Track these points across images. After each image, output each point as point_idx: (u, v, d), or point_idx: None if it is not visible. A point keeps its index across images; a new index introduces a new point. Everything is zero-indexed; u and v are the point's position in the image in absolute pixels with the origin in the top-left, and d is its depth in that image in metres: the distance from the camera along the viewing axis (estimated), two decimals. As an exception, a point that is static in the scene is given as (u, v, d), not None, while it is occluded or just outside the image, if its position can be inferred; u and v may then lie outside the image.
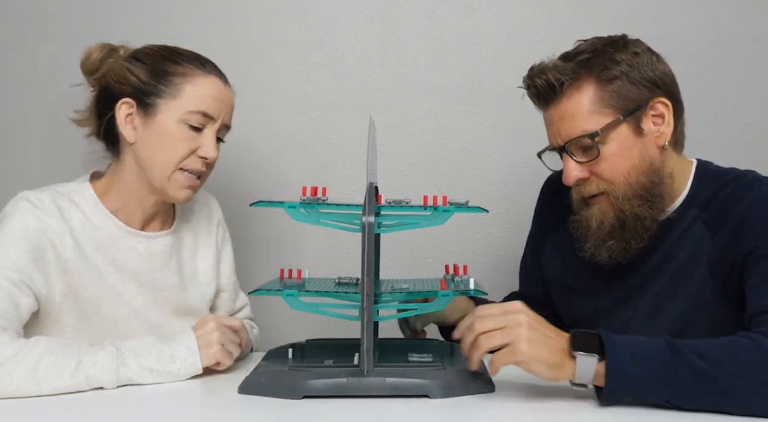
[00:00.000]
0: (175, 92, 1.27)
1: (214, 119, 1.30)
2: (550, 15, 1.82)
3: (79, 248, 1.25)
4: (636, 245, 1.24)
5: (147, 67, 1.29)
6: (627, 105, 1.22)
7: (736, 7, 1.82)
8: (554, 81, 1.22)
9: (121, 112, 1.28)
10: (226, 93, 1.33)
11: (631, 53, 1.23)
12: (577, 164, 1.24)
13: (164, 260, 1.34)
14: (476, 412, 1.03)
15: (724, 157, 1.35)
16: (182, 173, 1.29)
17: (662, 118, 1.24)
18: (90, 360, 1.12)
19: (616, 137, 1.22)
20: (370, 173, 1.14)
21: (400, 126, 1.84)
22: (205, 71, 1.31)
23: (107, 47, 1.32)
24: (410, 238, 1.82)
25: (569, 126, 1.23)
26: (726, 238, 1.18)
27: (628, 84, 1.22)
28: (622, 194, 1.22)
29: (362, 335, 1.08)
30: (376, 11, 1.83)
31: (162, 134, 1.27)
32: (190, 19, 1.83)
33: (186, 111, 1.27)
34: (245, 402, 1.08)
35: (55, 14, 1.82)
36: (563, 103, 1.23)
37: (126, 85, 1.28)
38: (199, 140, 1.29)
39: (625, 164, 1.22)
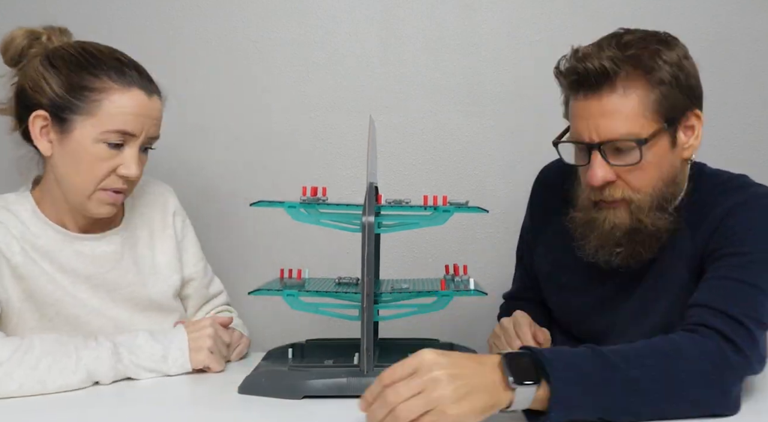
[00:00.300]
0: (92, 109, 1.19)
1: (135, 135, 1.22)
2: (550, 15, 1.82)
3: (27, 254, 1.23)
4: (645, 256, 1.20)
5: (62, 77, 1.21)
6: (671, 113, 1.15)
7: (736, 7, 1.82)
8: (610, 70, 1.12)
9: (36, 125, 1.21)
10: (149, 106, 1.24)
11: (680, 55, 1.15)
12: (607, 165, 1.16)
13: (115, 260, 1.32)
14: (476, 412, 1.03)
15: (724, 157, 1.35)
16: (102, 192, 1.24)
17: (693, 130, 1.19)
18: (89, 356, 1.13)
19: (655, 145, 1.15)
20: (370, 173, 1.14)
21: (400, 126, 1.84)
22: (125, 84, 1.21)
23: (30, 35, 1.26)
24: (410, 238, 1.82)
25: (611, 124, 1.13)
26: (704, 240, 1.17)
27: (675, 90, 1.14)
28: (645, 204, 1.17)
29: (362, 335, 1.08)
30: (376, 11, 1.83)
31: (78, 154, 1.20)
32: (190, 19, 1.83)
33: (103, 130, 1.20)
34: (245, 402, 1.08)
35: (55, 14, 1.81)
36: (611, 98, 1.13)
37: (40, 95, 1.21)
38: (119, 157, 1.22)
39: (655, 175, 1.17)
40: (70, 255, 1.28)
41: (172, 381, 1.19)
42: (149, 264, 1.37)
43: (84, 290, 1.28)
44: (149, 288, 1.35)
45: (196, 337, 1.23)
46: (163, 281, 1.38)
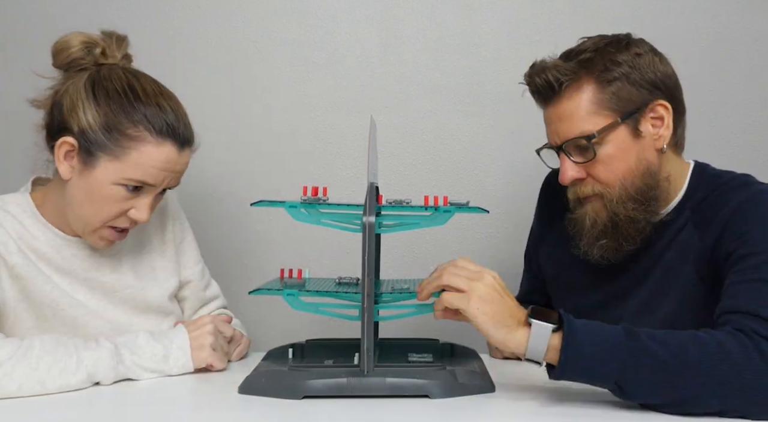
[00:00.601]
0: (120, 154, 1.19)
1: (154, 186, 1.23)
2: (550, 15, 1.82)
3: (24, 254, 1.23)
4: (627, 247, 1.24)
5: (101, 113, 1.19)
6: (626, 107, 1.21)
7: (736, 7, 1.82)
8: (553, 81, 1.22)
9: (62, 150, 1.21)
10: (177, 161, 1.24)
11: (632, 54, 1.23)
12: (574, 164, 1.24)
13: (113, 265, 1.32)
14: (476, 412, 1.03)
15: (724, 157, 1.36)
16: (107, 230, 1.24)
17: (662, 120, 1.23)
18: (90, 357, 1.12)
19: (613, 139, 1.21)
20: (370, 173, 1.14)
21: (400, 126, 1.84)
22: (159, 138, 1.20)
23: (87, 44, 1.24)
24: (410, 238, 1.82)
25: (567, 126, 1.23)
26: (714, 239, 1.18)
27: (628, 85, 1.21)
28: (616, 197, 1.22)
29: (362, 335, 1.08)
30: (376, 11, 1.83)
31: (95, 190, 1.21)
32: (190, 19, 1.83)
33: (125, 177, 1.20)
34: (245, 402, 1.08)
35: (55, 14, 1.82)
36: (562, 103, 1.23)
37: (74, 120, 1.20)
38: (133, 201, 1.22)
39: (621, 167, 1.22)
40: (68, 257, 1.27)
41: (172, 381, 1.19)
42: (147, 267, 1.38)
43: (81, 292, 1.28)
44: (147, 291, 1.35)
45: (197, 335, 1.23)
46: (160, 284, 1.38)
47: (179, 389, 1.13)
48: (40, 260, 1.25)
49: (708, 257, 1.19)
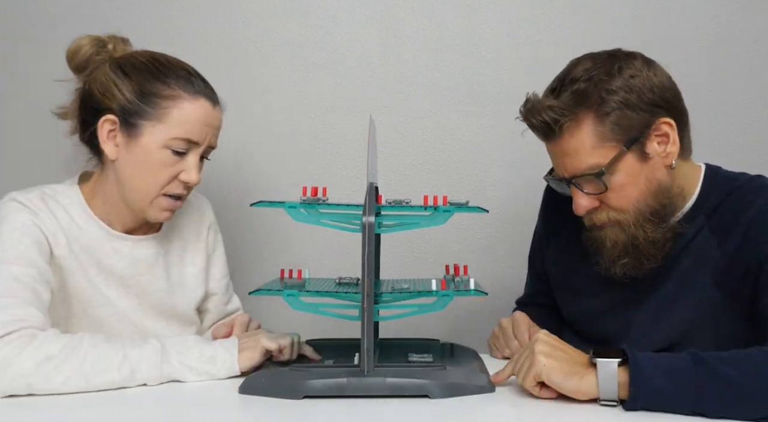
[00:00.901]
0: (161, 116, 1.23)
1: (199, 143, 1.26)
2: (550, 15, 1.82)
3: (70, 246, 1.25)
4: (649, 265, 1.22)
5: (133, 84, 1.24)
6: (629, 134, 1.18)
7: (736, 7, 1.82)
8: (551, 122, 1.18)
9: (104, 129, 1.24)
10: (214, 115, 1.28)
11: (626, 78, 1.18)
12: (586, 195, 1.21)
13: (150, 265, 1.33)
14: (476, 412, 1.03)
15: (724, 157, 1.35)
16: (163, 198, 1.27)
17: (667, 137, 1.20)
18: (136, 355, 1.12)
19: (622, 167, 1.18)
20: (370, 173, 1.14)
21: (400, 126, 1.84)
22: (194, 93, 1.25)
23: (96, 42, 1.28)
24: (410, 238, 1.82)
25: (573, 162, 1.20)
26: (734, 247, 1.16)
27: (627, 112, 1.17)
28: (633, 221, 1.20)
29: (362, 335, 1.08)
30: (376, 11, 1.83)
31: (144, 158, 1.24)
32: (190, 19, 1.83)
33: (171, 137, 1.23)
34: (245, 402, 1.08)
35: (55, 14, 1.82)
36: (565, 140, 1.20)
37: (110, 99, 1.24)
38: (181, 164, 1.26)
39: (633, 192, 1.20)
40: (110, 253, 1.29)
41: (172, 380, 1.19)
42: (178, 274, 1.39)
43: (115, 290, 1.29)
44: (175, 298, 1.36)
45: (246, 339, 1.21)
46: (189, 292, 1.39)
47: (179, 389, 1.13)
48: (83, 254, 1.26)
49: (728, 265, 1.17)
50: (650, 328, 1.24)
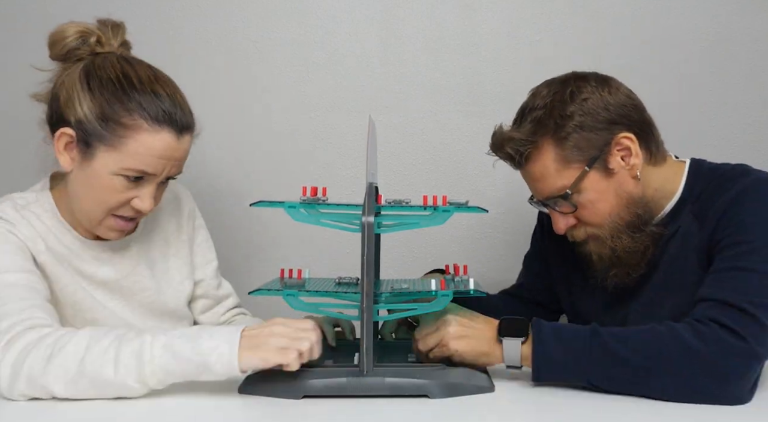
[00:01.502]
0: (117, 144, 1.16)
1: (155, 175, 1.20)
2: (550, 15, 1.82)
3: (51, 252, 1.23)
4: (634, 274, 1.27)
5: (95, 103, 1.17)
6: (589, 153, 1.23)
7: (736, 7, 1.82)
8: (514, 153, 1.26)
9: (60, 141, 1.19)
10: (176, 148, 1.20)
11: (579, 102, 1.24)
12: (562, 215, 1.28)
13: (132, 267, 1.31)
14: (476, 412, 1.03)
15: (724, 157, 1.35)
16: (113, 219, 1.23)
17: (628, 150, 1.24)
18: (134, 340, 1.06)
19: (587, 186, 1.24)
20: (369, 173, 1.14)
21: (400, 126, 1.84)
22: (156, 124, 1.17)
23: (82, 33, 1.23)
24: (410, 238, 1.82)
25: (541, 186, 1.27)
26: (711, 229, 1.20)
27: (584, 133, 1.23)
28: (609, 234, 1.26)
29: (362, 335, 1.08)
30: (376, 11, 1.83)
31: (94, 181, 1.19)
32: (190, 19, 1.83)
33: (124, 167, 1.17)
34: (245, 402, 1.08)
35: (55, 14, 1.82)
36: (530, 167, 1.27)
37: (71, 111, 1.18)
38: (135, 190, 1.20)
39: (604, 208, 1.25)
40: (89, 260, 1.27)
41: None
42: (163, 269, 1.37)
43: (102, 295, 1.28)
44: (164, 295, 1.35)
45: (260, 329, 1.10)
46: (175, 287, 1.38)
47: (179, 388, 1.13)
48: (64, 261, 1.24)
49: (706, 246, 1.20)
50: (646, 318, 1.26)
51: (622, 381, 1.08)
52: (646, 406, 1.05)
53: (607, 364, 1.07)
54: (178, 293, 1.38)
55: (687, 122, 1.33)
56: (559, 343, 1.10)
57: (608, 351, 1.07)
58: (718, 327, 1.06)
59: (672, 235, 1.26)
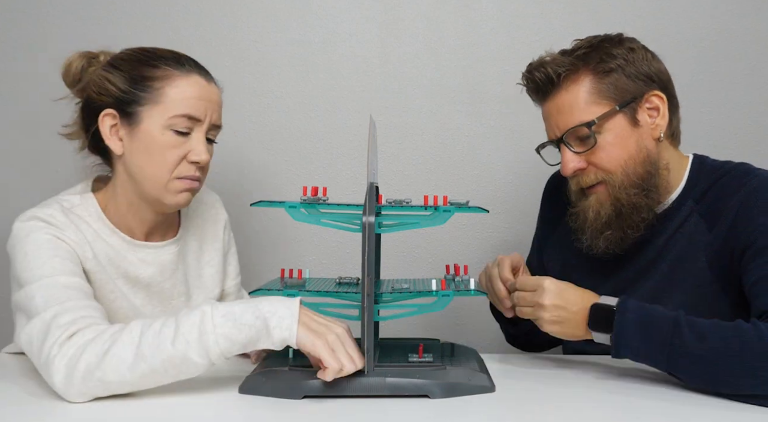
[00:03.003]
0: (156, 97, 1.22)
1: (200, 120, 1.25)
2: (550, 15, 1.82)
3: (97, 259, 1.23)
4: (632, 235, 1.26)
5: (124, 74, 1.24)
6: (623, 96, 1.25)
7: (736, 7, 1.82)
8: (552, 73, 1.26)
9: (105, 124, 1.24)
10: (210, 90, 1.27)
11: (626, 48, 1.27)
12: (575, 155, 1.27)
13: (172, 270, 1.33)
14: (476, 412, 1.03)
15: (724, 156, 1.36)
16: (177, 181, 1.25)
17: (657, 110, 1.27)
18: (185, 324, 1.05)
19: (612, 127, 1.24)
20: (370, 173, 1.14)
21: (400, 126, 1.84)
22: (185, 71, 1.25)
23: (86, 55, 1.29)
24: (410, 238, 1.82)
25: (566, 117, 1.26)
26: (725, 231, 1.20)
27: (624, 77, 1.25)
28: (619, 183, 1.25)
29: (362, 335, 1.08)
30: (376, 11, 1.84)
31: (149, 144, 1.23)
32: (190, 20, 1.83)
33: (170, 116, 1.22)
34: (245, 402, 1.08)
35: (55, 15, 1.82)
36: (561, 96, 1.26)
37: (106, 95, 1.24)
38: (188, 144, 1.24)
39: (621, 154, 1.25)
40: (135, 263, 1.28)
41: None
42: (195, 275, 1.38)
43: (141, 298, 1.29)
44: (193, 300, 1.36)
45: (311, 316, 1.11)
46: (207, 293, 1.39)
47: (179, 388, 1.13)
48: (110, 265, 1.25)
49: (719, 248, 1.20)
50: None
51: (698, 376, 1.07)
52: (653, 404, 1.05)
53: (685, 359, 1.07)
54: (206, 299, 1.38)
55: (687, 121, 1.33)
56: (639, 331, 1.11)
57: (686, 353, 1.07)
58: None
59: (675, 230, 1.26)
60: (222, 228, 1.45)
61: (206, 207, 1.44)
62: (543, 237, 1.49)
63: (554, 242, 1.45)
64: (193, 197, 1.30)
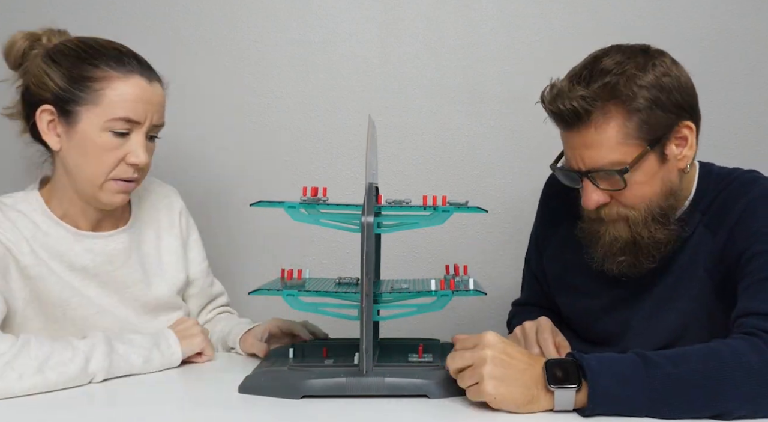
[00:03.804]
0: (95, 99, 1.21)
1: (140, 122, 1.24)
2: (550, 15, 1.82)
3: (36, 255, 1.23)
4: (647, 265, 1.22)
5: (64, 70, 1.22)
6: (654, 133, 1.16)
7: (736, 7, 1.82)
8: (581, 110, 1.15)
9: (42, 120, 1.23)
10: (151, 91, 1.25)
11: (659, 75, 1.16)
12: (599, 190, 1.19)
13: (124, 259, 1.33)
14: (476, 412, 1.03)
15: (724, 157, 1.36)
16: (113, 182, 1.25)
17: (686, 140, 1.19)
18: (84, 344, 1.14)
19: (642, 166, 1.17)
20: (369, 173, 1.14)
21: (400, 126, 1.84)
22: (125, 71, 1.23)
23: (30, 37, 1.27)
24: (410, 238, 1.82)
25: (595, 155, 1.17)
26: (724, 238, 1.17)
27: (656, 111, 1.15)
28: (642, 220, 1.19)
29: (362, 335, 1.08)
30: (376, 11, 1.84)
31: (86, 145, 1.22)
32: (190, 20, 1.83)
33: (108, 119, 1.21)
34: (245, 402, 1.08)
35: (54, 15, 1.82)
36: (590, 132, 1.16)
37: (44, 90, 1.22)
38: (126, 145, 1.23)
39: (647, 192, 1.19)
40: (81, 252, 1.28)
41: (171, 379, 1.19)
42: (155, 263, 1.38)
43: (92, 289, 1.29)
44: (154, 288, 1.36)
45: (184, 328, 1.28)
46: (168, 280, 1.39)
47: (179, 388, 1.13)
48: (53, 259, 1.25)
49: (719, 256, 1.18)
50: (649, 325, 1.25)
51: (685, 408, 0.97)
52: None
53: (669, 393, 0.97)
54: (170, 285, 1.39)
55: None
56: (613, 378, 0.98)
57: (668, 378, 0.97)
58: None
59: (682, 244, 1.23)
60: (178, 216, 1.45)
61: (159, 197, 1.44)
62: (543, 237, 1.46)
63: (554, 243, 1.42)
64: (130, 194, 1.30)
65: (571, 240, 1.32)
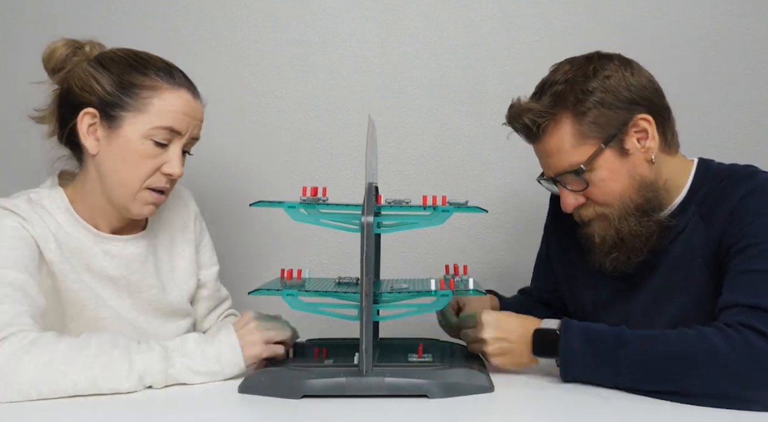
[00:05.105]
0: (142, 106, 1.23)
1: (181, 134, 1.25)
2: (550, 15, 1.82)
3: (60, 250, 1.23)
4: (635, 259, 1.26)
5: (113, 76, 1.24)
6: (607, 131, 1.23)
7: (736, 7, 1.82)
8: (531, 124, 1.24)
9: (84, 122, 1.24)
10: (195, 106, 1.28)
11: (602, 79, 1.23)
12: (571, 193, 1.27)
13: (141, 263, 1.32)
14: (476, 412, 1.04)
15: (724, 157, 1.35)
16: (147, 192, 1.26)
17: (646, 133, 1.24)
18: (141, 361, 1.11)
19: (601, 164, 1.23)
20: (369, 173, 1.14)
21: (400, 126, 1.84)
22: (175, 84, 1.26)
23: (72, 44, 1.28)
24: (410, 238, 1.82)
25: (555, 161, 1.26)
26: (719, 231, 1.19)
27: (604, 110, 1.22)
28: (617, 215, 1.25)
29: (361, 335, 1.08)
30: (376, 11, 1.84)
31: (125, 150, 1.23)
32: (190, 20, 1.83)
33: (152, 127, 1.23)
34: (245, 402, 1.08)
35: (55, 14, 1.82)
36: (545, 141, 1.26)
37: (90, 93, 1.24)
38: (163, 156, 1.25)
39: (616, 187, 1.24)
40: (100, 255, 1.28)
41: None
42: (168, 268, 1.38)
43: (108, 291, 1.29)
44: (169, 293, 1.36)
45: (245, 332, 1.20)
46: (179, 285, 1.39)
47: (179, 388, 1.13)
48: (73, 257, 1.25)
49: (714, 248, 1.20)
50: (648, 316, 1.27)
51: (649, 384, 1.09)
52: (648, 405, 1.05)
53: (635, 368, 1.09)
54: (182, 291, 1.39)
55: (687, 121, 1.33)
56: (588, 346, 1.12)
57: (636, 354, 1.09)
58: (748, 330, 1.05)
59: (677, 234, 1.25)
60: (192, 219, 1.45)
61: (174, 200, 1.43)
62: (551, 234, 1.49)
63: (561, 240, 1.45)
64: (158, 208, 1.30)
65: (573, 237, 1.35)
